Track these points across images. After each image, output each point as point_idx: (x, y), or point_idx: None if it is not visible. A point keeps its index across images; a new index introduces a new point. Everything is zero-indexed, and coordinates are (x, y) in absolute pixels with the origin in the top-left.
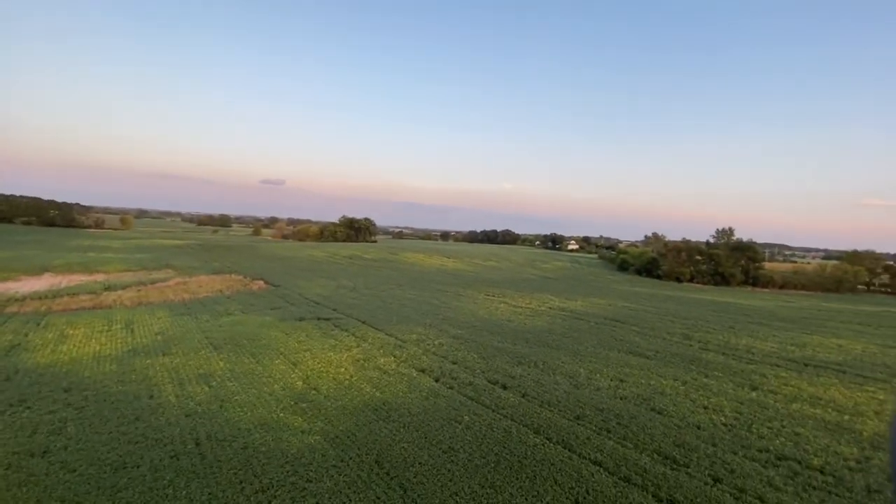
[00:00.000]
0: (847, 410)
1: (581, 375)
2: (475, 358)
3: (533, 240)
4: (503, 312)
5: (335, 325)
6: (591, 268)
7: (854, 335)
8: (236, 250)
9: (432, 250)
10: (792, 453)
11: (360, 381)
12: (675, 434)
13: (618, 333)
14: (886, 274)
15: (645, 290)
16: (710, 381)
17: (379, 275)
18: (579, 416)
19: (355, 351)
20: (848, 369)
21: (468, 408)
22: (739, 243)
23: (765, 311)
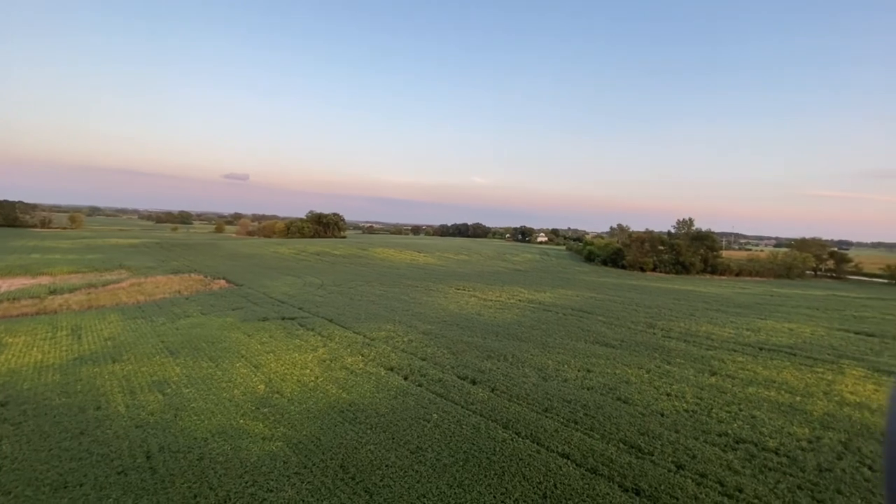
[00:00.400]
0: (798, 392)
1: (549, 367)
2: (445, 353)
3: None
4: (473, 306)
5: (301, 324)
6: (560, 259)
7: (804, 319)
8: (197, 248)
9: (403, 245)
10: (749, 436)
11: (326, 383)
12: (640, 422)
13: (585, 324)
14: (831, 260)
15: (611, 280)
16: (672, 369)
17: (348, 271)
18: (547, 408)
19: (321, 351)
20: (798, 352)
21: (437, 405)
22: (699, 233)
23: (722, 299)
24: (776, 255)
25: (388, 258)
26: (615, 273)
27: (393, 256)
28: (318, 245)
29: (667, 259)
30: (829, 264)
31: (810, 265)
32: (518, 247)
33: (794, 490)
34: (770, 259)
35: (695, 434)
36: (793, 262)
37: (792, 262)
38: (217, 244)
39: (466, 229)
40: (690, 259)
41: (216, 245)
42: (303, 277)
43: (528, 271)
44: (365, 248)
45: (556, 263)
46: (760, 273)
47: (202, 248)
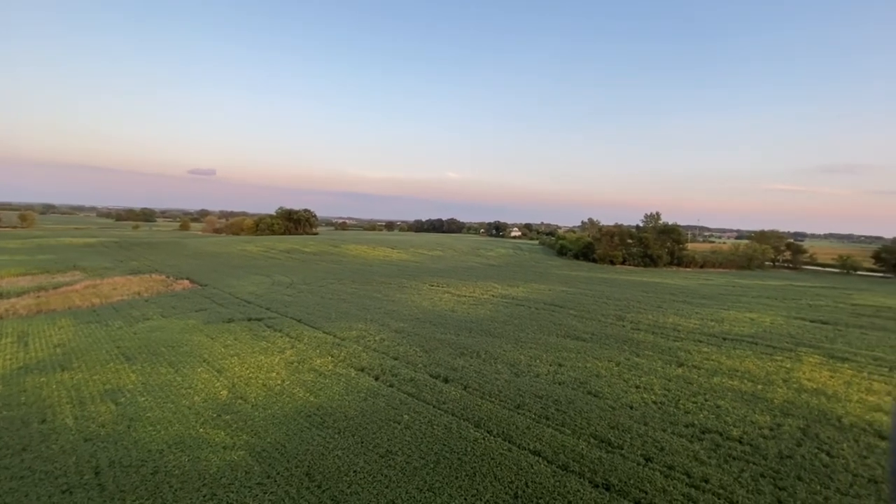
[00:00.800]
0: (760, 380)
1: (521, 363)
2: (417, 352)
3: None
4: (447, 303)
5: (268, 325)
6: (533, 254)
7: (764, 308)
8: (159, 247)
9: (376, 241)
10: (714, 426)
11: (293, 386)
12: (610, 416)
13: (557, 318)
14: (788, 251)
15: (582, 273)
16: (641, 361)
17: (319, 269)
18: (519, 405)
19: (289, 353)
20: (759, 341)
21: (408, 406)
22: (665, 226)
23: (688, 290)
24: (738, 246)
25: (361, 255)
26: (586, 266)
27: (366, 253)
28: (289, 242)
29: (635, 252)
30: (786, 255)
31: (769, 256)
32: (492, 241)
33: (757, 478)
34: (732, 251)
35: (663, 426)
36: (753, 254)
37: (752, 254)
38: (181, 242)
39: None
40: (658, 252)
41: (180, 243)
42: (271, 276)
43: (501, 266)
44: (337, 245)
45: (530, 258)
46: (723, 264)
47: (165, 247)
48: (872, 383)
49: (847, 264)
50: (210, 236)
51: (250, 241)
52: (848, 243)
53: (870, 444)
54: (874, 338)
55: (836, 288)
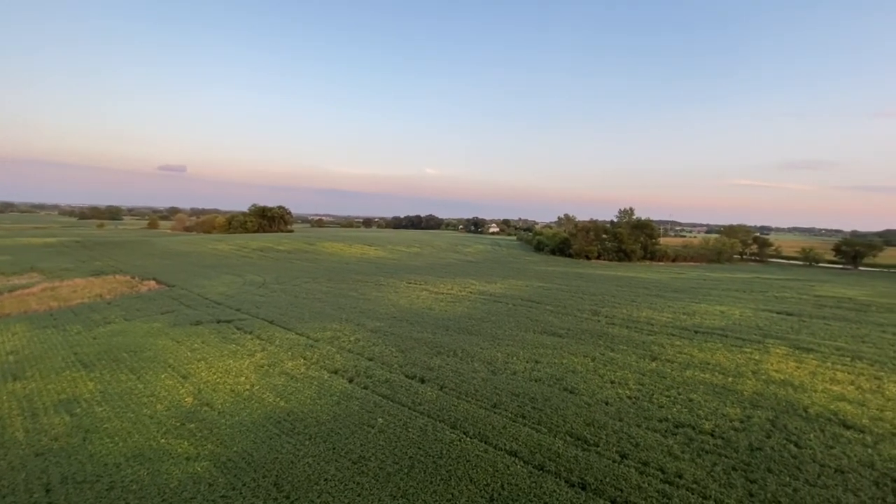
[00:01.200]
0: (730, 373)
1: (498, 360)
2: (393, 352)
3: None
4: (424, 300)
5: (238, 327)
6: (511, 249)
7: (733, 301)
8: (125, 247)
9: (353, 238)
10: (687, 419)
11: (263, 391)
12: (586, 413)
13: (533, 314)
14: (755, 244)
15: (559, 269)
16: (616, 356)
17: (293, 268)
18: (496, 404)
19: (259, 356)
20: (729, 333)
21: (383, 408)
22: (639, 222)
23: (661, 284)
24: (708, 240)
25: (337, 253)
26: (563, 262)
27: (342, 251)
28: (262, 240)
29: (610, 247)
30: (753, 249)
31: (737, 250)
32: (471, 238)
33: (729, 472)
34: (702, 245)
35: (637, 421)
36: (722, 248)
37: (721, 248)
38: (149, 241)
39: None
40: (632, 247)
41: (148, 242)
42: (243, 276)
43: (480, 262)
44: (312, 243)
45: (507, 254)
46: (694, 258)
47: (131, 247)
48: (836, 373)
49: (810, 257)
50: (180, 235)
51: (222, 240)
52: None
53: (835, 433)
54: (836, 328)
55: (799, 280)
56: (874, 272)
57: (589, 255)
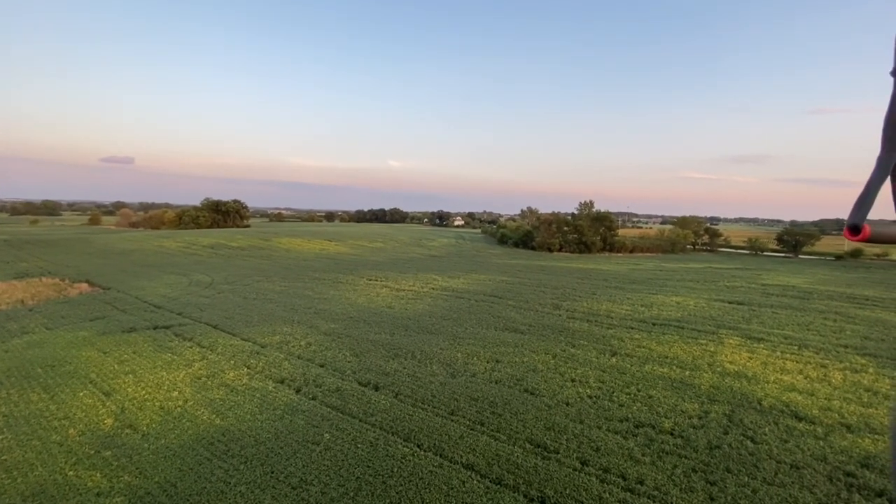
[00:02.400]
0: (687, 366)
1: (458, 362)
2: (347, 356)
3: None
4: (384, 298)
5: (176, 333)
6: (475, 243)
7: (688, 292)
8: (59, 245)
9: (313, 233)
10: (647, 418)
11: (197, 407)
12: (546, 416)
13: (495, 310)
14: (707, 235)
15: (521, 262)
16: (577, 352)
17: (245, 265)
18: (454, 410)
19: (197, 366)
20: (685, 325)
21: (331, 422)
22: (598, 214)
23: (620, 276)
24: (663, 231)
25: (295, 248)
26: (526, 255)
27: (300, 246)
28: (214, 236)
29: (571, 239)
30: (704, 239)
31: (690, 240)
32: (435, 231)
33: (689, 474)
34: (658, 236)
35: (598, 422)
36: (676, 239)
37: (676, 239)
38: (88, 239)
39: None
40: (592, 239)
41: (86, 240)
42: (190, 275)
43: (443, 257)
44: (268, 239)
45: (471, 247)
46: (650, 249)
47: (66, 245)
48: (785, 363)
49: (755, 246)
50: (125, 231)
51: (170, 236)
52: (754, 226)
53: (788, 426)
54: (783, 316)
55: (748, 269)
56: (813, 260)
57: (551, 248)
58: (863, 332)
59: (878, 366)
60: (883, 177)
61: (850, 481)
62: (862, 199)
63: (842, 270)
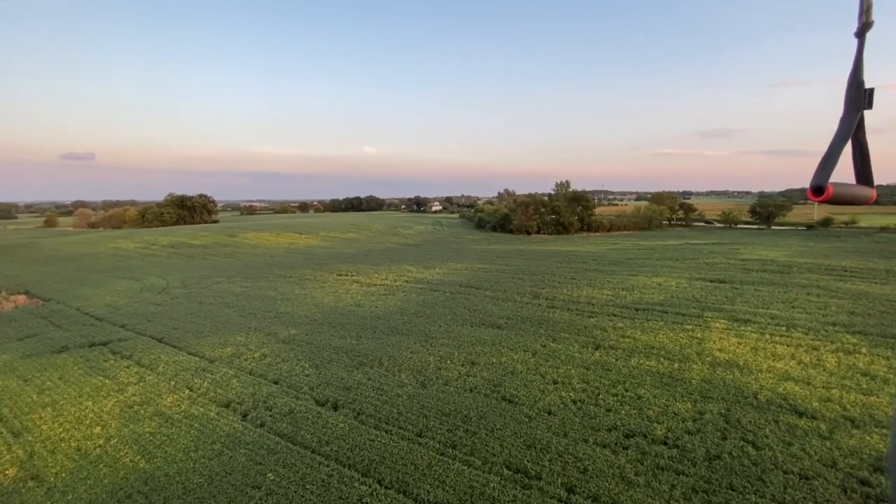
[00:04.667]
0: (676, 357)
1: (430, 367)
2: (305, 368)
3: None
4: (353, 296)
5: (114, 351)
6: (453, 228)
7: (668, 271)
8: (3, 253)
9: (283, 226)
10: (637, 425)
11: (121, 446)
12: (527, 430)
13: (472, 302)
14: (681, 210)
15: (499, 247)
16: (558, 347)
17: (207, 265)
18: (422, 430)
19: (131, 391)
20: (669, 309)
21: (278, 456)
22: (575, 194)
23: (598, 257)
24: (639, 208)
25: (262, 244)
26: (504, 238)
27: (268, 241)
28: (176, 234)
29: (549, 221)
30: (679, 214)
31: (666, 216)
32: (412, 218)
33: (689, 496)
34: (634, 213)
35: (584, 434)
36: (652, 215)
37: (652, 215)
38: (34, 244)
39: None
40: (569, 219)
41: (34, 245)
42: (143, 280)
43: (419, 245)
44: (234, 235)
45: (449, 234)
46: (627, 227)
47: (11, 252)
48: (776, 347)
49: (729, 219)
50: (83, 232)
51: (128, 236)
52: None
53: (790, 424)
54: (766, 294)
55: (724, 244)
56: (785, 230)
57: (529, 230)
58: (848, 307)
59: (870, 345)
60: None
61: (866, 491)
62: (825, 160)
63: (815, 240)
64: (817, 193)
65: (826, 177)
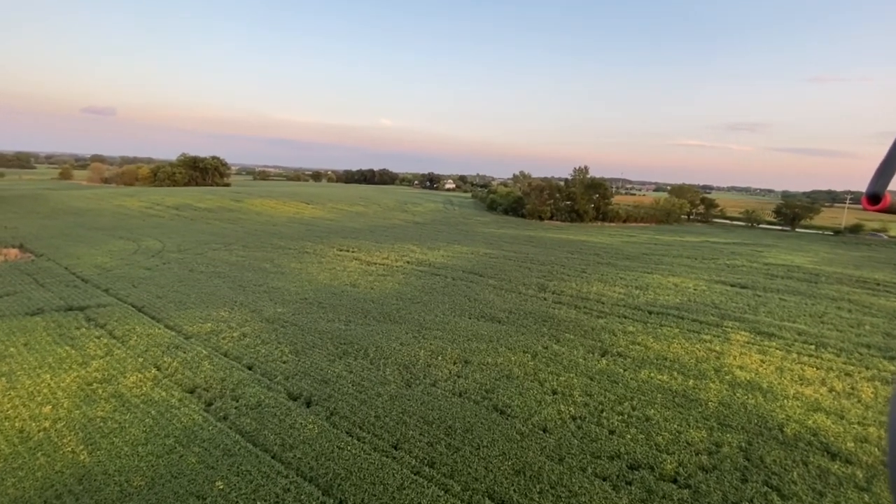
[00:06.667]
0: (691, 372)
1: (419, 363)
2: (285, 353)
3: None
4: (350, 274)
5: (89, 318)
6: (463, 209)
7: (685, 271)
8: (10, 203)
9: (290, 195)
10: (644, 454)
11: (67, 432)
12: (518, 450)
13: (473, 291)
14: (702, 205)
15: (509, 231)
16: (561, 349)
17: (207, 230)
18: (399, 441)
19: (95, 365)
20: (685, 314)
21: (234, 459)
22: (593, 181)
23: (612, 250)
24: (658, 200)
25: (267, 211)
26: (514, 223)
27: (273, 209)
28: (182, 196)
29: (563, 207)
30: (699, 209)
31: (685, 210)
32: (424, 195)
33: None
34: (653, 205)
35: (583, 461)
36: (672, 208)
37: (671, 208)
38: (42, 196)
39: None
40: (584, 207)
41: (41, 197)
42: (140, 241)
43: (427, 224)
44: (240, 200)
45: (459, 214)
46: (644, 219)
47: (18, 203)
48: (804, 369)
49: (752, 218)
50: (93, 187)
51: (135, 194)
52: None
53: (821, 468)
54: (792, 304)
55: (746, 244)
56: (811, 234)
57: (542, 216)
58: (884, 328)
59: None
60: None
61: None
62: (883, 167)
63: (843, 248)
64: (873, 202)
65: (885, 184)
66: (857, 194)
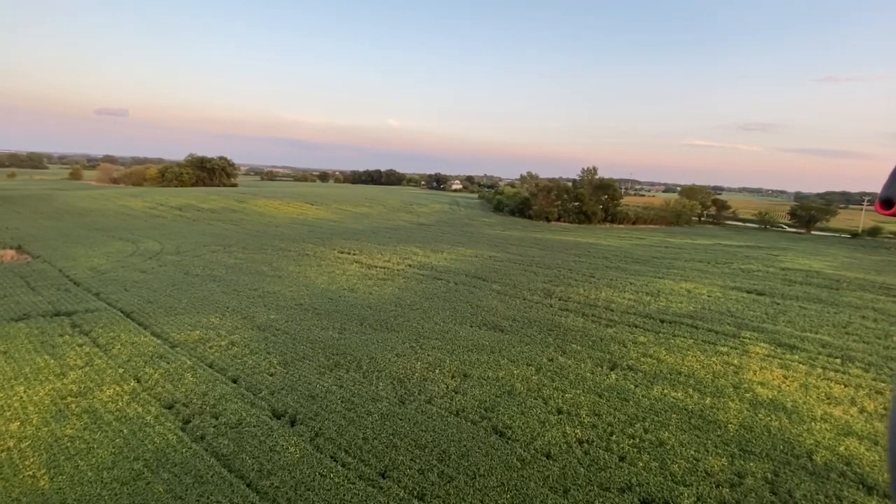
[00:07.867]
0: (708, 389)
1: (414, 376)
2: (273, 365)
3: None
4: (350, 278)
5: (75, 324)
6: (470, 210)
7: (698, 276)
8: (16, 203)
9: (295, 195)
10: (658, 487)
11: (31, 452)
12: (518, 480)
13: (476, 297)
14: (714, 206)
15: (515, 233)
16: (567, 362)
17: (208, 231)
18: (387, 468)
19: (72, 377)
20: (700, 323)
21: (205, 488)
22: (601, 182)
23: (621, 252)
24: (668, 202)
25: (270, 212)
26: (521, 224)
27: (277, 210)
28: (186, 196)
29: (571, 208)
30: (711, 210)
31: (696, 212)
32: (430, 196)
33: None
34: (663, 206)
35: (590, 495)
36: (682, 210)
37: (681, 210)
38: (48, 196)
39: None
40: (593, 208)
41: (47, 197)
42: (139, 242)
43: (431, 225)
44: (243, 200)
45: (465, 215)
46: (654, 220)
47: (23, 203)
48: (831, 386)
49: (765, 220)
50: (101, 187)
51: (139, 195)
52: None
53: None
54: (814, 313)
55: (760, 247)
56: (827, 237)
57: (549, 217)
58: None
59: None
60: None
61: None
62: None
63: (863, 251)
64: (887, 206)
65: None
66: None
